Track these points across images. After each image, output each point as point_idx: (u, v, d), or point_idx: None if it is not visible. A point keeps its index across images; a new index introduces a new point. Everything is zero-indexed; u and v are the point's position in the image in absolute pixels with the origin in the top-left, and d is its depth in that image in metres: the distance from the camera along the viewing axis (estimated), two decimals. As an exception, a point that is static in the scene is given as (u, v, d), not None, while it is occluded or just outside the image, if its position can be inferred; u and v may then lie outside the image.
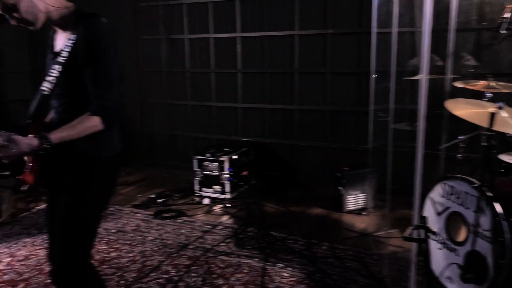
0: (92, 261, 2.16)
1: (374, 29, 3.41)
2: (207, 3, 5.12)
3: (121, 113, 1.94)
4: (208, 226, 3.95)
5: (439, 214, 2.72)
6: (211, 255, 3.41)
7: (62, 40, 1.94)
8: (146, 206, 4.48)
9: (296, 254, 3.39)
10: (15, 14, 1.80)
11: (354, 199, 4.18)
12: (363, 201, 4.19)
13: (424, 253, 2.57)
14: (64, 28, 1.94)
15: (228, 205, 4.44)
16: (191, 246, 3.57)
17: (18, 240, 3.74)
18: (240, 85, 5.12)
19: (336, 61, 4.62)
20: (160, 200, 4.55)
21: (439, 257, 2.70)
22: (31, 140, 1.76)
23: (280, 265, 3.23)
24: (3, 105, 6.24)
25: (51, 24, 1.94)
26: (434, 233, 2.65)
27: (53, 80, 1.87)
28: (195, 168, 4.65)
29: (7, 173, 5.47)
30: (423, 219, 2.59)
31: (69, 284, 1.98)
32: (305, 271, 3.14)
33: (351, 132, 4.66)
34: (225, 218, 4.15)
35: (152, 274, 3.14)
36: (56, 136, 1.79)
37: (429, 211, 2.78)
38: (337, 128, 4.72)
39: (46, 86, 1.89)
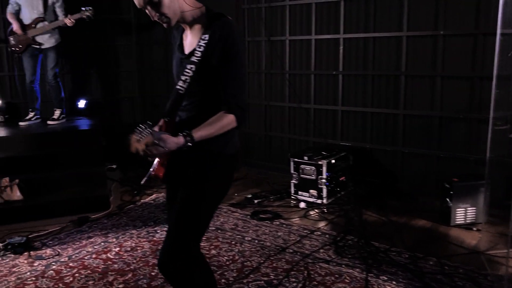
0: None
1: (499, 30, 3.12)
2: (310, 4, 5.06)
3: (247, 112, 1.98)
4: (306, 231, 3.87)
5: None
6: (310, 261, 3.33)
7: (193, 40, 1.97)
8: (242, 205, 4.51)
9: (401, 268, 3.20)
10: (157, 9, 1.84)
11: (463, 213, 3.88)
12: (473, 216, 3.88)
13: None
14: (194, 27, 1.97)
15: (325, 210, 4.34)
16: (289, 250, 3.52)
17: (125, 231, 3.93)
18: (341, 87, 4.98)
19: (447, 64, 4.33)
20: (256, 201, 4.56)
21: None
22: (178, 139, 1.82)
23: (384, 277, 3.07)
24: (116, 103, 6.65)
25: (182, 23, 1.98)
26: None
27: (187, 79, 1.91)
28: (292, 170, 4.60)
29: (114, 166, 5.83)
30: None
31: (176, 274, 2.00)
32: (411, 287, 2.95)
33: (461, 140, 4.34)
34: (322, 224, 4.05)
35: (252, 276, 3.13)
36: (198, 134, 1.85)
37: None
38: (445, 136, 4.42)
39: (180, 85, 1.93)
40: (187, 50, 2.01)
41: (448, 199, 3.91)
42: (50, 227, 4.03)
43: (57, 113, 5.58)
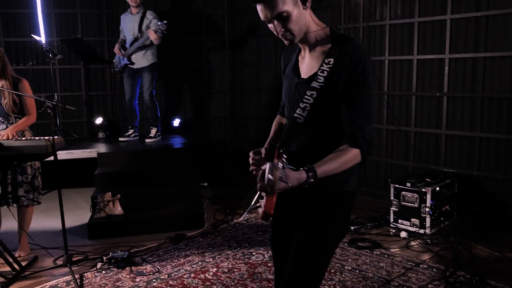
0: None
1: None
2: (412, 23, 4.83)
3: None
4: (410, 263, 3.61)
5: None
6: (420, 297, 3.08)
7: (312, 63, 1.81)
8: (338, 231, 4.32)
9: (527, 313, 2.86)
10: (284, 24, 1.71)
11: None
12: None
13: None
14: (315, 49, 1.81)
15: (429, 241, 4.04)
16: (394, 283, 3.28)
17: (221, 251, 3.90)
18: (445, 110, 4.67)
19: None
20: (353, 228, 4.35)
21: None
22: (300, 174, 1.62)
23: (508, 323, 2.75)
24: (207, 122, 6.79)
25: (303, 43, 1.83)
26: None
27: (306, 106, 1.75)
28: (392, 197, 4.36)
29: (205, 184, 5.91)
30: None
31: None
32: (541, 336, 2.61)
33: None
34: (427, 256, 3.76)
35: (357, 309, 2.95)
36: (321, 169, 1.64)
37: None
38: None
39: (299, 113, 1.76)
40: (304, 74, 1.83)
41: None
42: (148, 242, 4.11)
43: (153, 131, 5.79)
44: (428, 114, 4.83)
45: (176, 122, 6.44)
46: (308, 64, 1.83)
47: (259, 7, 1.71)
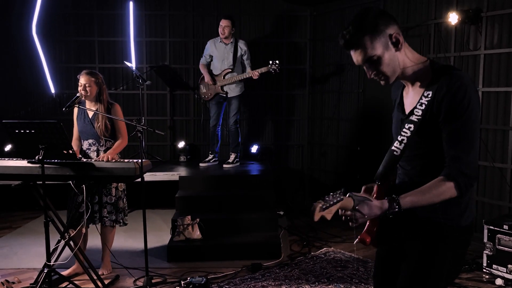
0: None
1: None
2: (509, 54, 4.52)
3: (477, 178, 1.68)
4: (509, 315, 3.27)
5: None
6: None
7: (414, 97, 1.77)
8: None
9: None
10: (376, 67, 1.71)
11: None
12: None
13: None
14: (416, 83, 1.78)
15: (529, 292, 3.65)
16: (491, 337, 2.97)
17: (298, 285, 3.77)
18: (548, 147, 4.28)
19: None
20: (440, 270, 4.05)
21: None
22: (382, 203, 1.64)
23: None
24: (285, 149, 6.76)
25: (402, 79, 1.80)
26: None
27: (403, 140, 1.72)
28: (485, 239, 4.00)
29: (281, 212, 5.82)
30: None
31: None
32: None
33: None
34: (528, 309, 3.39)
35: None
36: (406, 200, 1.63)
37: None
38: None
39: (396, 146, 1.75)
40: (408, 109, 1.80)
41: None
42: (225, 269, 4.08)
43: (232, 157, 5.84)
44: (528, 151, 4.45)
45: (254, 149, 6.46)
46: (411, 99, 1.81)
47: (351, 52, 1.74)
